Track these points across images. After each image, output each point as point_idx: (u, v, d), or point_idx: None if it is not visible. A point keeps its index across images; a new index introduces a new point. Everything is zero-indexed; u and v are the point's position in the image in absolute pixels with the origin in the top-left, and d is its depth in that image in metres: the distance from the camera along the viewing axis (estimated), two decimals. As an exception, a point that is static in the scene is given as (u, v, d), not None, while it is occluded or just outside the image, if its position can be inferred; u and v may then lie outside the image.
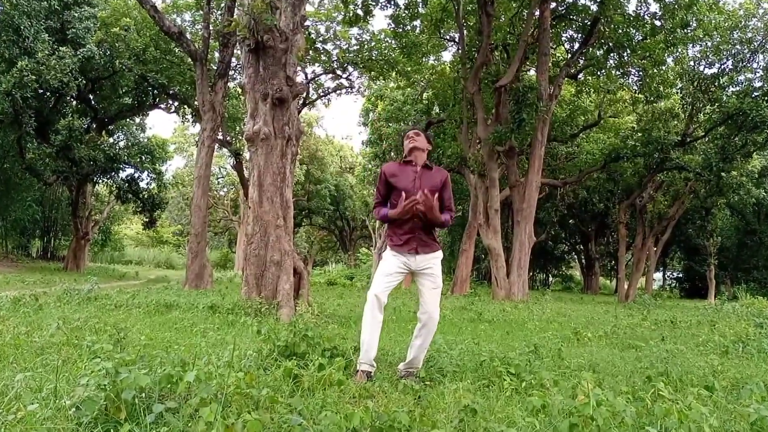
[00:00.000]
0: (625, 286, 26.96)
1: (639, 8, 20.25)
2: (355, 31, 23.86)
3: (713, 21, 20.01)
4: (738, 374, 4.51)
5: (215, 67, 18.27)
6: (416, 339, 4.01)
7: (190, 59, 19.04)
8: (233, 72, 22.10)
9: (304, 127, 11.61)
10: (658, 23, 19.52)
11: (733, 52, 22.98)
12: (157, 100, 26.95)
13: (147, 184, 28.99)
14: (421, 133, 4.22)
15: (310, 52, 23.49)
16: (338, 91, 28.46)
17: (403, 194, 3.98)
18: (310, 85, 27.10)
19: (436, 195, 4.00)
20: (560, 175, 28.32)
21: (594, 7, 20.26)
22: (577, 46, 21.88)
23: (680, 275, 47.67)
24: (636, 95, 23.74)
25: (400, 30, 21.85)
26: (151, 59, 22.47)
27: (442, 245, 4.35)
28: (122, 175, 27.32)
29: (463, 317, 10.23)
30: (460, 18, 21.33)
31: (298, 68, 10.28)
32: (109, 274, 26.39)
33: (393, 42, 23.20)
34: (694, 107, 23.90)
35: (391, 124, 28.33)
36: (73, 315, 6.38)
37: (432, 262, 4.05)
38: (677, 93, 24.38)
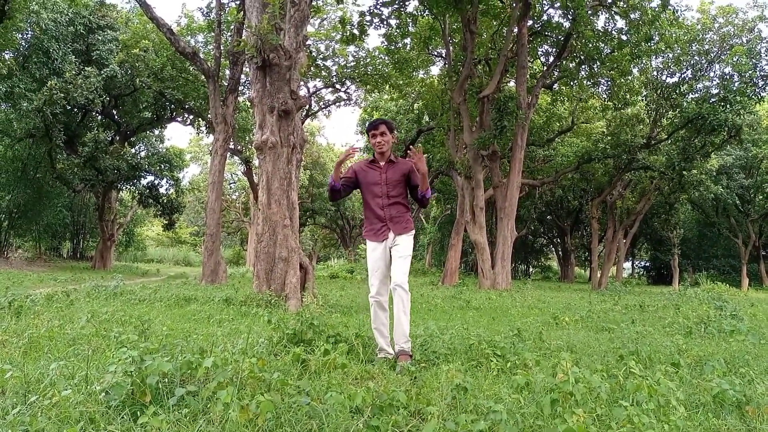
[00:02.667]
0: (598, 275, 26.98)
1: (607, 24, 20.29)
2: (351, 48, 23.89)
3: (674, 35, 20.01)
4: (701, 352, 4.51)
5: (226, 84, 18.20)
6: (394, 310, 4.01)
7: (203, 76, 18.97)
8: (242, 87, 22.05)
9: (307, 136, 11.58)
10: (624, 38, 19.51)
11: (692, 62, 22.98)
12: (174, 113, 26.87)
13: (166, 190, 28.96)
14: (384, 129, 4.09)
15: (312, 68, 23.48)
16: (337, 103, 28.49)
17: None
18: (312, 98, 27.09)
19: (407, 180, 4.11)
20: (538, 175, 28.29)
21: (567, 24, 20.30)
22: (552, 59, 21.87)
23: (647, 264, 47.74)
24: (605, 103, 23.74)
25: (393, 47, 21.83)
26: (168, 77, 22.39)
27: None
28: (144, 182, 27.29)
29: (453, 305, 10.21)
30: (446, 36, 21.33)
31: (301, 83, 10.25)
32: (132, 271, 26.31)
33: (386, 58, 23.18)
34: (657, 113, 23.91)
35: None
36: (101, 309, 6.35)
37: (403, 237, 4.08)
38: (642, 100, 24.39)
